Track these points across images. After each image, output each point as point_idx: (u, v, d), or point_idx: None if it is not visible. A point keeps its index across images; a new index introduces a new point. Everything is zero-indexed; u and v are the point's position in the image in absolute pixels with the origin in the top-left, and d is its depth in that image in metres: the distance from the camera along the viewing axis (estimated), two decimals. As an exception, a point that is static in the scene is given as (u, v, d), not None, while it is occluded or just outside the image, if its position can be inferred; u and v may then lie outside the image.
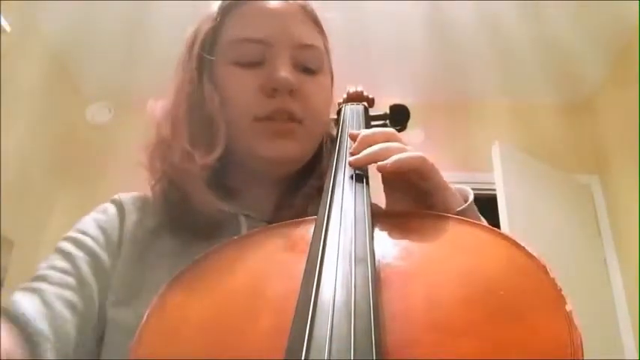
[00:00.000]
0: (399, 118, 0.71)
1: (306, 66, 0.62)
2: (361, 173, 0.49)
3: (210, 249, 0.44)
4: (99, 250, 0.56)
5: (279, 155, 0.60)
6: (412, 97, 2.84)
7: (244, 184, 0.64)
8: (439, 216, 0.45)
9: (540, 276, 0.33)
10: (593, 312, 2.43)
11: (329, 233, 0.38)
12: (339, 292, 0.31)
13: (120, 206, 0.62)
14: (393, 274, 0.36)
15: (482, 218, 0.55)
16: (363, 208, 0.42)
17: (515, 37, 2.76)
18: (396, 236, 0.42)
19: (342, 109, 0.69)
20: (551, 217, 2.60)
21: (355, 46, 2.64)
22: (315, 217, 0.43)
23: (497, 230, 0.40)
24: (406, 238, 0.42)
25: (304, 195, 0.62)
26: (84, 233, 0.58)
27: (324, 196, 0.46)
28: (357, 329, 0.27)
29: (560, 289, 0.32)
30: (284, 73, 0.58)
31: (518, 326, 0.30)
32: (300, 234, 0.44)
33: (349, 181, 0.47)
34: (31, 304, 0.48)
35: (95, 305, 0.52)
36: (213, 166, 0.61)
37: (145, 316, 0.37)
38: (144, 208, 0.63)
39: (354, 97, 0.73)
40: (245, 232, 0.58)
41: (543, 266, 0.34)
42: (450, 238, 0.42)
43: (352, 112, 0.67)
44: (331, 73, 0.68)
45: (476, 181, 2.47)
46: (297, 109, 0.59)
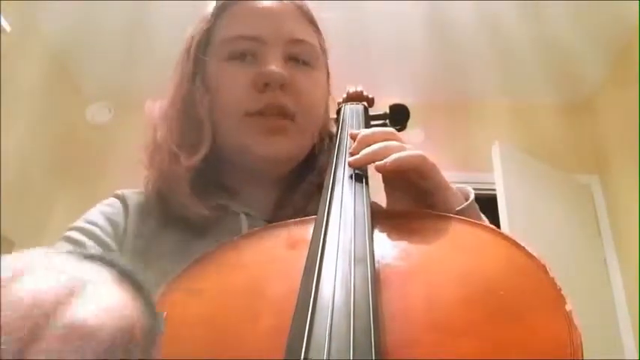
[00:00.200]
0: (398, 117, 0.71)
1: (299, 60, 0.62)
2: (361, 172, 0.49)
3: (209, 248, 0.44)
4: (109, 240, 0.57)
5: (272, 153, 0.59)
6: (412, 97, 2.84)
7: (242, 182, 0.64)
8: (439, 216, 0.45)
9: (540, 276, 0.33)
10: (593, 312, 2.43)
11: (328, 233, 0.38)
12: (338, 291, 0.31)
13: (124, 202, 0.63)
14: (392, 274, 0.36)
15: (483, 217, 0.55)
16: (363, 207, 0.42)
17: (515, 37, 2.76)
18: (396, 236, 0.42)
19: (342, 108, 0.69)
20: (551, 217, 2.60)
21: (355, 46, 2.64)
22: (315, 217, 0.43)
23: (497, 230, 0.40)
24: (406, 238, 0.42)
25: (303, 193, 0.62)
26: (92, 223, 0.58)
27: (323, 196, 0.46)
28: (356, 329, 0.27)
29: (559, 289, 0.32)
30: (275, 67, 0.58)
31: (517, 326, 0.30)
32: (300, 233, 0.44)
33: (349, 181, 0.47)
34: None
35: None
36: (211, 166, 0.61)
37: (145, 316, 0.37)
38: (146, 205, 0.63)
39: (354, 97, 0.73)
40: (245, 230, 0.58)
41: (543, 266, 0.34)
42: (450, 238, 0.42)
43: (352, 112, 0.67)
44: (327, 72, 0.68)
45: (476, 181, 2.47)
46: (288, 103, 0.59)
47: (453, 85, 3.11)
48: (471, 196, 0.53)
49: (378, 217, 0.44)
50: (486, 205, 0.58)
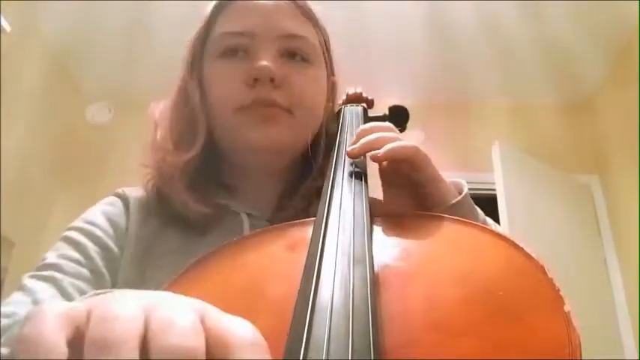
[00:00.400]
0: (398, 119, 0.71)
1: (293, 55, 0.62)
2: (360, 171, 0.49)
3: (210, 250, 0.44)
4: (109, 241, 0.56)
5: (265, 141, 0.59)
6: (412, 98, 2.85)
7: (242, 180, 0.65)
8: (438, 217, 0.45)
9: (539, 276, 0.33)
10: (593, 312, 2.43)
11: (328, 234, 0.38)
12: (337, 292, 0.31)
13: (125, 201, 0.63)
14: (391, 275, 0.36)
15: (477, 209, 0.55)
16: (362, 208, 0.42)
17: (515, 37, 2.76)
18: (395, 237, 0.42)
19: (342, 110, 0.69)
20: (551, 217, 2.60)
21: (355, 46, 2.64)
22: (314, 218, 0.43)
23: (496, 231, 0.40)
24: (405, 238, 0.42)
25: (304, 194, 0.62)
26: (92, 224, 0.58)
27: (323, 197, 0.46)
28: (355, 330, 0.27)
29: (558, 290, 0.32)
30: (264, 62, 0.58)
31: (516, 326, 0.30)
32: (300, 235, 0.44)
33: (348, 182, 0.48)
34: (47, 292, 0.47)
35: None
36: (210, 164, 0.62)
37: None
38: (147, 204, 0.63)
39: (353, 99, 0.73)
40: (247, 230, 0.59)
41: (542, 266, 0.34)
42: (449, 239, 0.42)
43: (351, 114, 0.67)
44: (328, 68, 0.68)
45: (476, 181, 2.47)
46: (280, 98, 0.59)
47: (453, 85, 3.11)
48: (465, 190, 0.53)
49: (378, 219, 0.44)
50: (486, 205, 0.58)
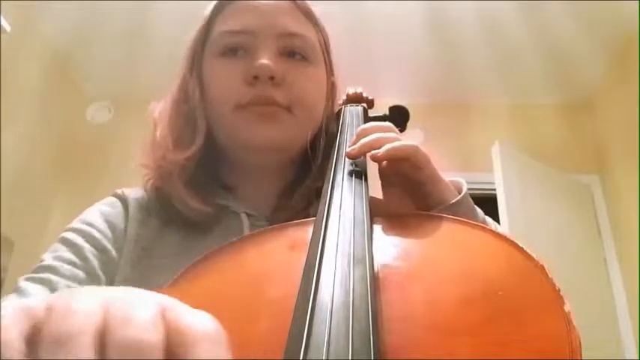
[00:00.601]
0: (398, 119, 0.71)
1: (293, 54, 0.62)
2: (360, 171, 0.49)
3: (211, 249, 0.44)
4: (107, 243, 0.56)
5: (263, 139, 0.59)
6: (412, 97, 2.85)
7: (241, 180, 0.65)
8: (438, 217, 0.45)
9: (539, 276, 0.33)
10: (593, 312, 2.44)
11: (328, 234, 0.38)
12: (337, 292, 0.31)
13: (124, 201, 0.63)
14: (391, 275, 0.36)
15: (477, 208, 0.55)
16: (362, 209, 0.42)
17: (515, 37, 2.76)
18: (395, 237, 0.42)
19: (342, 110, 0.69)
20: (551, 217, 2.60)
21: (355, 46, 2.64)
22: (314, 218, 0.43)
23: (496, 230, 0.40)
24: (405, 238, 0.42)
25: (303, 194, 0.62)
26: (90, 225, 0.58)
27: (323, 197, 0.46)
28: (355, 330, 0.27)
29: (558, 290, 0.32)
30: (264, 60, 0.58)
31: (517, 326, 0.30)
32: (300, 235, 0.44)
33: (348, 182, 0.48)
34: (42, 293, 0.47)
35: None
36: (210, 163, 0.62)
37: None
38: (146, 205, 0.63)
39: (354, 99, 0.73)
40: (247, 229, 0.59)
41: (542, 266, 0.34)
42: (449, 239, 0.42)
43: (351, 114, 0.67)
44: (328, 68, 0.68)
45: (476, 181, 2.47)
46: (279, 96, 0.59)
47: (453, 85, 3.11)
48: (464, 189, 0.53)
49: (378, 219, 0.44)
50: (486, 205, 0.58)
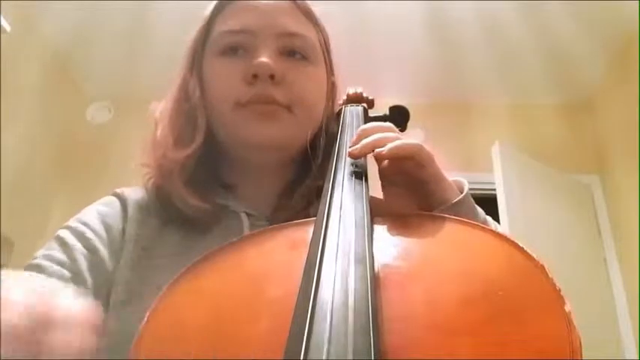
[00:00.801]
0: (398, 119, 0.71)
1: (293, 53, 0.62)
2: (360, 171, 0.49)
3: (211, 249, 0.44)
4: (99, 244, 0.56)
5: (263, 138, 0.59)
6: (412, 97, 2.85)
7: (241, 179, 0.65)
8: (438, 217, 0.45)
9: (539, 276, 0.33)
10: (593, 312, 2.44)
11: (328, 234, 0.38)
12: (337, 292, 0.31)
13: (124, 202, 0.63)
14: (392, 275, 0.36)
15: (478, 208, 0.55)
16: (363, 208, 0.42)
17: (515, 37, 2.76)
18: (396, 237, 0.42)
19: (342, 110, 0.69)
20: (551, 217, 2.60)
21: (355, 46, 2.64)
22: (315, 218, 0.43)
23: (496, 231, 0.40)
24: (405, 238, 0.42)
25: (304, 193, 0.62)
26: (85, 224, 0.58)
27: (323, 197, 0.46)
28: (355, 329, 0.27)
29: (558, 290, 0.32)
30: (263, 58, 0.58)
31: (517, 326, 0.30)
32: (300, 235, 0.44)
33: (349, 182, 0.48)
34: None
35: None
36: (210, 162, 0.62)
37: (146, 317, 0.37)
38: (146, 204, 0.63)
39: (354, 99, 0.73)
40: (247, 229, 0.59)
41: (542, 266, 0.34)
42: (449, 239, 0.42)
43: (352, 114, 0.67)
44: (328, 67, 0.68)
45: (476, 181, 2.47)
46: (279, 95, 0.59)
47: (453, 85, 3.11)
48: (465, 188, 0.53)
49: (378, 219, 0.44)
50: (486, 205, 0.58)
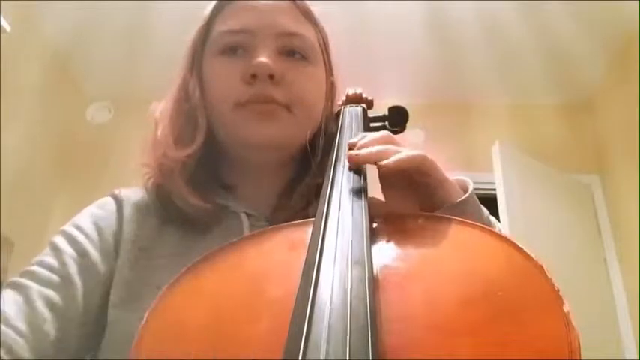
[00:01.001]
0: (397, 119, 0.71)
1: (292, 53, 0.62)
2: (359, 172, 0.49)
3: (210, 249, 0.44)
4: (90, 248, 0.56)
5: (262, 137, 0.59)
6: (412, 97, 2.85)
7: (241, 179, 0.65)
8: (438, 217, 0.45)
9: (538, 277, 0.33)
10: (593, 312, 2.44)
11: (327, 235, 0.38)
12: (336, 293, 0.31)
13: (120, 203, 0.62)
14: (390, 276, 0.36)
15: (482, 208, 0.55)
16: (362, 209, 0.42)
17: (515, 37, 2.76)
18: (394, 238, 0.42)
19: (341, 110, 0.69)
20: (551, 217, 2.60)
21: (355, 46, 2.64)
22: (313, 219, 0.43)
23: (495, 231, 0.40)
24: (404, 239, 0.42)
25: (302, 194, 0.62)
26: (78, 228, 0.58)
27: (322, 198, 0.46)
28: (353, 330, 0.27)
29: (557, 290, 0.32)
30: (262, 58, 0.58)
31: (516, 326, 0.30)
32: (299, 235, 0.44)
33: (348, 182, 0.48)
34: (13, 303, 0.49)
35: (78, 305, 0.52)
36: (210, 163, 0.62)
37: (145, 317, 0.37)
38: (146, 204, 0.63)
39: (353, 99, 0.73)
40: (247, 229, 0.59)
41: (541, 267, 0.34)
42: (448, 240, 0.42)
43: (351, 114, 0.67)
44: (327, 68, 0.68)
45: (476, 181, 2.44)
46: (278, 94, 0.59)
47: (453, 85, 3.11)
48: (470, 187, 0.53)
49: (377, 219, 0.44)
50: (486, 205, 0.58)
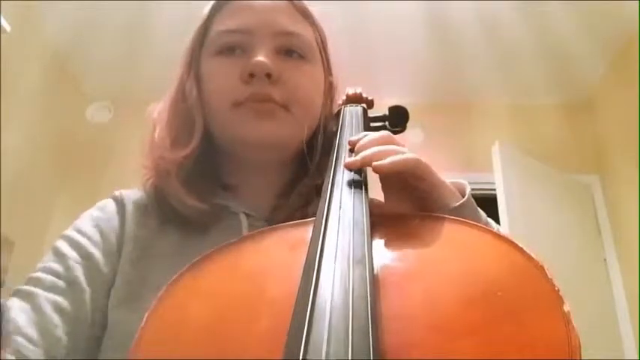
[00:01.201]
0: (397, 119, 0.71)
1: (290, 52, 0.62)
2: (360, 172, 0.49)
3: (209, 251, 0.44)
4: (94, 250, 0.56)
5: (260, 136, 0.59)
6: (412, 97, 2.85)
7: (239, 179, 0.65)
8: (438, 217, 0.45)
9: (538, 277, 0.33)
10: (593, 312, 2.44)
11: (327, 234, 0.38)
12: (336, 293, 0.31)
13: (121, 204, 0.63)
14: (391, 275, 0.36)
15: (480, 211, 0.55)
16: (362, 209, 0.42)
17: (515, 37, 2.76)
18: (395, 237, 0.42)
19: (341, 110, 0.69)
20: (551, 217, 2.60)
21: (355, 46, 2.64)
22: (314, 218, 0.43)
23: (495, 231, 0.40)
24: (404, 239, 0.42)
25: (302, 193, 0.62)
26: (80, 232, 0.58)
27: (322, 197, 0.46)
28: (354, 330, 0.27)
29: (557, 290, 0.32)
30: (260, 57, 0.58)
31: (516, 327, 0.30)
32: (300, 235, 0.44)
33: (348, 182, 0.48)
34: (22, 311, 0.48)
35: (87, 308, 0.52)
36: (208, 163, 0.62)
37: (145, 317, 0.37)
38: (145, 205, 0.63)
39: (353, 99, 0.73)
40: (246, 230, 0.59)
41: (541, 267, 0.34)
42: (449, 240, 0.42)
43: (351, 114, 0.67)
44: (325, 67, 0.68)
45: (476, 181, 2.47)
46: (276, 94, 0.59)
47: (453, 85, 3.12)
48: (467, 191, 0.53)
49: (377, 219, 0.44)
50: (486, 205, 0.58)
